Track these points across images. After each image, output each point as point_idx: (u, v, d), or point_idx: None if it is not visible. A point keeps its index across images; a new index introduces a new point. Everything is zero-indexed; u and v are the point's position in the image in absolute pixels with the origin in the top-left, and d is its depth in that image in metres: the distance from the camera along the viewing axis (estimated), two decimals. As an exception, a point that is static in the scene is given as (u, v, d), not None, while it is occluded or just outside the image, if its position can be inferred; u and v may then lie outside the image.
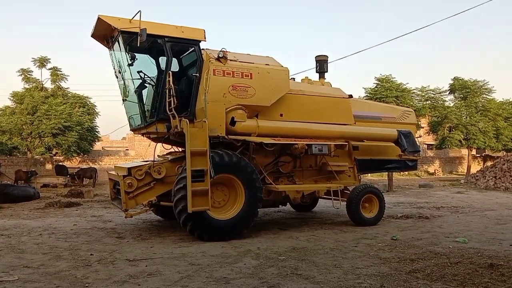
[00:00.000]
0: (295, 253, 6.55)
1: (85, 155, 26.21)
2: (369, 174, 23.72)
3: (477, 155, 35.78)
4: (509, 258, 6.09)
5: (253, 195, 7.81)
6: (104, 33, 8.21)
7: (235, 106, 8.06)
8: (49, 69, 23.47)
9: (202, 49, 8.22)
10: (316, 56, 10.65)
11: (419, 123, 24.35)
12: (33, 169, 21.89)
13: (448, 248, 6.86)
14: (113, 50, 8.42)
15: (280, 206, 9.93)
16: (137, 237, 7.85)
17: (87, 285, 4.94)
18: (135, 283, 4.98)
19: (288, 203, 9.97)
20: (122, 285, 4.93)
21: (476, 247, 6.93)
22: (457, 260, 5.96)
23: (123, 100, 8.82)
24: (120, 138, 53.41)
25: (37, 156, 24.36)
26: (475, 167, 31.35)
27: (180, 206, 7.25)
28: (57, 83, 23.94)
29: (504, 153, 27.47)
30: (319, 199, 10.91)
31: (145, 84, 8.23)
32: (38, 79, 23.64)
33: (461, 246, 6.98)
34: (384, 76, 22.71)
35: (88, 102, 24.95)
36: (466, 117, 25.74)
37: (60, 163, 24.82)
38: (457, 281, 4.95)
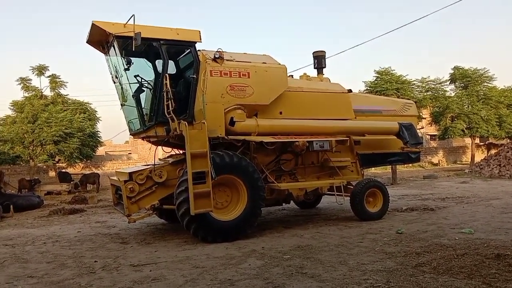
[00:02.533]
0: (300, 251, 6.51)
1: (88, 161, 26.23)
2: (372, 168, 23.65)
3: (481, 143, 35.60)
4: (516, 247, 6.03)
5: (256, 194, 7.77)
6: (99, 38, 8.17)
7: (234, 106, 8.01)
8: (48, 76, 23.48)
9: (198, 50, 8.17)
10: (313, 52, 10.57)
11: (421, 114, 24.21)
12: (36, 177, 21.90)
13: (454, 239, 6.80)
14: (109, 55, 8.39)
15: (283, 204, 9.89)
16: (141, 242, 7.82)
17: (91, 293, 4.92)
18: (140, 289, 4.95)
19: (291, 201, 9.92)
20: (127, 291, 4.91)
21: (482, 237, 6.87)
22: (464, 251, 5.90)
23: (121, 105, 8.79)
24: (123, 142, 53.61)
25: (40, 164, 24.39)
26: (479, 156, 31.17)
27: (182, 209, 7.22)
28: (56, 90, 23.94)
29: (508, 140, 27.33)
30: (323, 196, 10.86)
31: (143, 88, 8.19)
32: (37, 87, 23.67)
33: (467, 237, 6.92)
34: (383, 68, 22.61)
35: (88, 108, 24.95)
36: (468, 106, 25.57)
37: (63, 170, 24.85)
38: (464, 273, 4.90)
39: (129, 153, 43.29)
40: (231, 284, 4.97)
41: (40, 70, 23.03)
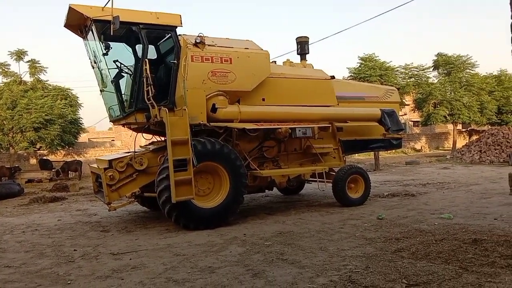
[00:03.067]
0: (281, 237, 6.52)
1: (70, 148, 25.81)
2: (356, 154, 23.86)
3: (463, 130, 36.15)
4: (493, 232, 6.14)
5: (238, 181, 7.74)
6: (77, 22, 7.94)
7: (216, 93, 7.92)
8: (27, 61, 22.90)
9: (179, 34, 8.02)
10: (296, 38, 10.50)
11: (404, 100, 24.41)
12: (16, 165, 21.49)
13: (433, 225, 6.89)
14: (87, 39, 8.18)
15: (266, 191, 9.90)
16: (122, 230, 7.74)
17: (69, 282, 4.84)
18: (119, 278, 4.90)
19: (274, 188, 9.93)
20: (105, 280, 4.85)
21: (461, 222, 6.98)
22: (442, 237, 5.98)
23: (101, 90, 8.62)
24: (106, 128, 52.89)
25: (21, 151, 23.94)
26: (461, 142, 31.66)
27: (164, 197, 7.14)
28: (36, 76, 23.39)
29: (489, 127, 27.77)
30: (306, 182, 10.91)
31: (122, 74, 8.03)
32: (16, 73, 23.11)
33: (446, 223, 7.02)
34: (367, 55, 22.66)
35: (70, 94, 24.47)
36: (451, 93, 25.87)
37: (44, 157, 24.43)
38: (442, 258, 4.96)
39: (112, 140, 42.78)
40: (211, 272, 4.95)
41: (19, 55, 22.43)
